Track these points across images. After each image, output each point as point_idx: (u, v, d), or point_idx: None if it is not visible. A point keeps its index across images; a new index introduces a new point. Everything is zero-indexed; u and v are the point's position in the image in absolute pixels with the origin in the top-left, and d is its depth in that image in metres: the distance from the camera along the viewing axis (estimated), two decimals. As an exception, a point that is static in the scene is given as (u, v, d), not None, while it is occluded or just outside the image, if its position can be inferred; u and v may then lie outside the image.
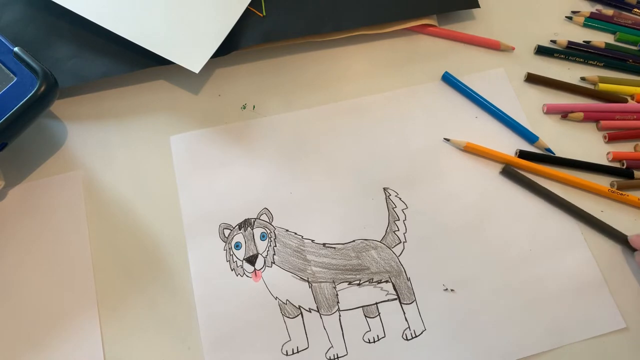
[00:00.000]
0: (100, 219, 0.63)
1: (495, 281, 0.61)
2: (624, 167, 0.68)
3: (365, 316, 0.59)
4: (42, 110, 0.61)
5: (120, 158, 0.67)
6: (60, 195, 0.65)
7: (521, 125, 0.69)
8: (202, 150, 0.67)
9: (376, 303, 0.59)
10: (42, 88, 0.59)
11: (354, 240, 0.62)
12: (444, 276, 0.61)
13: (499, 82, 0.73)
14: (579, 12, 0.79)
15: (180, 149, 0.67)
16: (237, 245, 0.61)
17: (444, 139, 0.69)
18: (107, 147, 0.68)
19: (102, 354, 0.57)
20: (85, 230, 0.63)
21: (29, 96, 0.59)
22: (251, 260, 0.60)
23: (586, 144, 0.69)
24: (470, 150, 0.67)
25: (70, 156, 0.67)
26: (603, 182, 0.67)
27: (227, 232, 0.62)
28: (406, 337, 0.58)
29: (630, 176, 0.67)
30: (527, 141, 0.69)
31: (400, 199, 0.65)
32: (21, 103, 0.58)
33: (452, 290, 0.60)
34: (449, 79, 0.72)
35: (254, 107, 0.70)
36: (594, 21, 0.78)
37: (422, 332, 0.58)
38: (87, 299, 0.59)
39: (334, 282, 0.60)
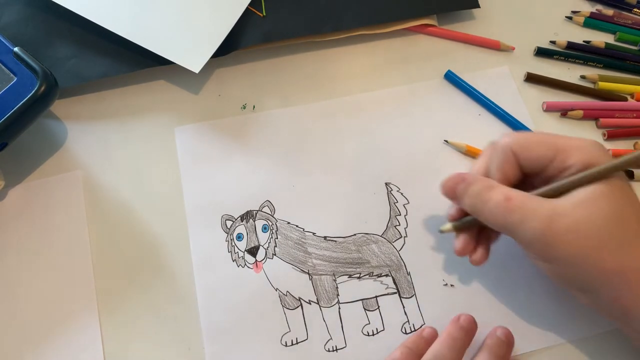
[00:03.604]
0: (100, 219, 0.65)
1: (495, 277, 0.63)
2: (624, 164, 0.69)
3: (365, 309, 0.61)
4: (42, 110, 0.63)
5: (120, 158, 0.69)
6: (60, 195, 0.66)
7: (524, 126, 0.71)
8: (206, 142, 0.70)
9: (376, 296, 0.61)
10: (42, 88, 0.61)
11: (354, 234, 0.64)
12: (444, 271, 0.63)
13: (502, 80, 0.75)
14: (579, 12, 0.81)
15: (185, 140, 0.70)
16: (239, 237, 0.63)
17: (444, 140, 0.70)
18: (107, 147, 0.69)
19: (102, 354, 0.59)
20: (85, 230, 0.64)
21: (29, 96, 0.60)
22: (252, 251, 0.62)
23: (586, 141, 0.71)
24: (471, 154, 0.69)
25: (70, 156, 0.69)
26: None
27: (229, 223, 0.64)
28: (405, 331, 0.60)
29: (630, 176, 0.69)
30: (530, 141, 0.71)
31: (402, 194, 0.67)
32: (21, 103, 0.60)
33: (452, 285, 0.62)
34: (451, 77, 0.74)
35: (254, 107, 0.72)
36: (594, 21, 0.80)
37: (421, 327, 0.60)
38: (87, 299, 0.61)
39: (334, 274, 0.62)
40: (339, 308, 0.61)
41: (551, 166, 0.51)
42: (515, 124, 0.71)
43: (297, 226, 0.64)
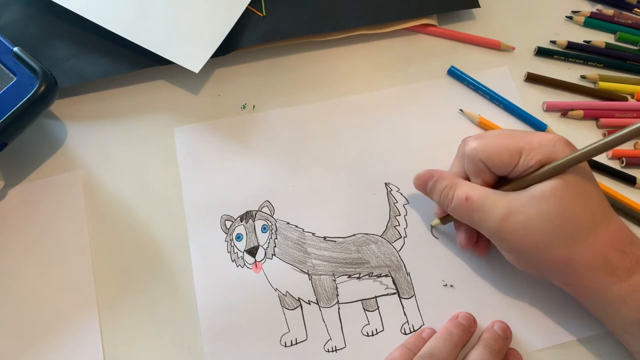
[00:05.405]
0: (100, 219, 0.65)
1: (495, 278, 0.62)
2: (624, 164, 0.69)
3: (364, 310, 0.61)
4: (42, 110, 0.63)
5: (120, 158, 0.69)
6: (60, 195, 0.66)
7: (530, 115, 0.71)
8: (206, 142, 0.69)
9: (375, 297, 0.61)
10: (42, 88, 0.61)
11: (354, 234, 0.64)
12: (444, 272, 0.63)
13: (502, 80, 0.75)
14: (579, 11, 0.81)
15: (184, 140, 0.70)
16: (238, 237, 0.63)
17: (459, 110, 0.72)
18: (107, 147, 0.69)
19: (102, 354, 0.59)
20: (85, 230, 0.64)
21: (28, 96, 0.60)
22: (252, 251, 0.62)
23: (586, 141, 0.69)
24: (484, 127, 0.71)
25: (70, 156, 0.69)
26: (606, 183, 0.68)
27: (228, 223, 0.64)
28: (404, 332, 0.60)
29: (633, 182, 0.68)
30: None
31: (401, 194, 0.67)
32: (21, 103, 0.60)
33: (451, 286, 0.62)
34: (455, 73, 0.74)
35: (253, 106, 0.72)
36: (594, 21, 0.80)
37: (420, 327, 0.60)
38: (87, 299, 0.61)
39: (333, 275, 0.62)
40: (339, 308, 0.61)
41: (516, 168, 0.55)
42: (521, 116, 0.72)
43: (296, 226, 0.64)
